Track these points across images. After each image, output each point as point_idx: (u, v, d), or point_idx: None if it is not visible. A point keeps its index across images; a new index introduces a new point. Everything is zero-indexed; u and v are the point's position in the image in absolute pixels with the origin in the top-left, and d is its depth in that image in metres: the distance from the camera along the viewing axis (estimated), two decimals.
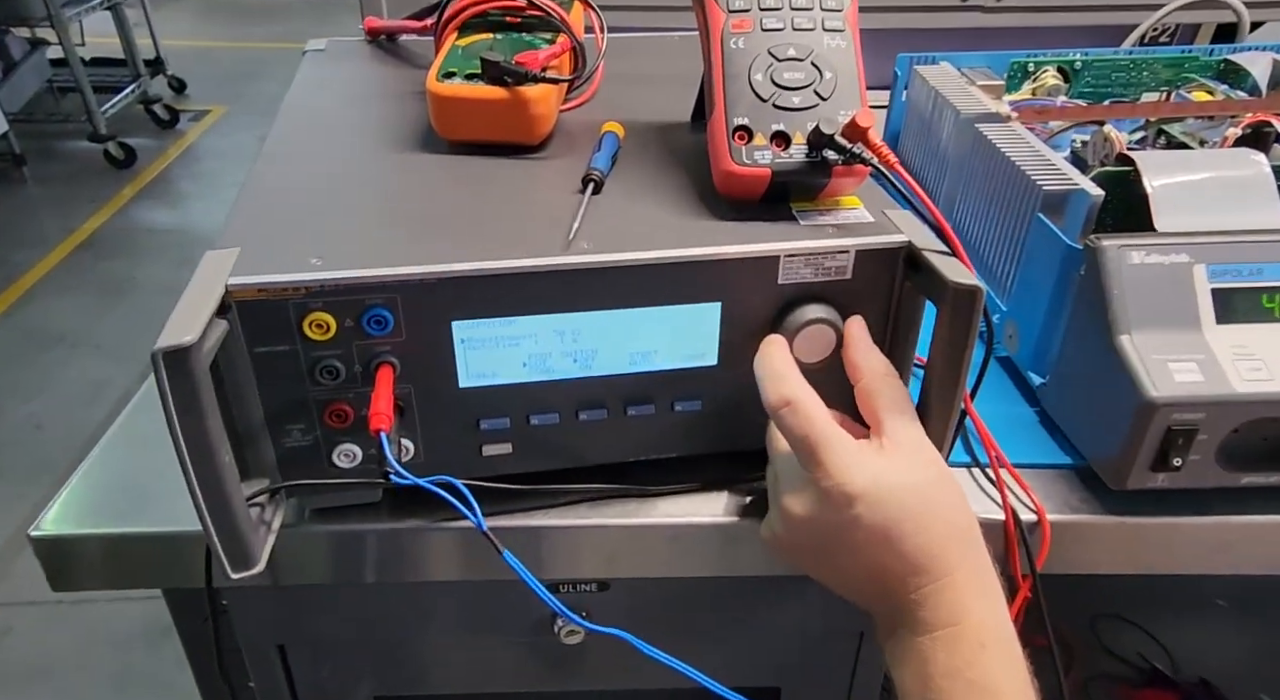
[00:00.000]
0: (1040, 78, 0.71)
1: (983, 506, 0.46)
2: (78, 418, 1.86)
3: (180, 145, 3.14)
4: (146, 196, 2.80)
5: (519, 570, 0.38)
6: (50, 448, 1.78)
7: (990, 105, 0.63)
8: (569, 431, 0.44)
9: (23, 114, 2.85)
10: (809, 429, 0.37)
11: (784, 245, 0.40)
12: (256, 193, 0.45)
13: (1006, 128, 0.59)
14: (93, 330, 2.15)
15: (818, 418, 0.37)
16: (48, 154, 3.00)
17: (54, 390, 1.95)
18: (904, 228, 0.42)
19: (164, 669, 1.37)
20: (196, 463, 0.35)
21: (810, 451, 0.37)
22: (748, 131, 0.42)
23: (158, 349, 0.32)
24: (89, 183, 2.83)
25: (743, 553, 0.46)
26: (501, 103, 0.47)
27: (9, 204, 2.72)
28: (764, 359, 0.41)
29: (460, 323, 0.40)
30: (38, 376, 1.99)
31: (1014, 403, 0.52)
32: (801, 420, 0.37)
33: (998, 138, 0.57)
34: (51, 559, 0.45)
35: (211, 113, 3.40)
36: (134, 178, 2.89)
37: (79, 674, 1.37)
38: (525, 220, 0.42)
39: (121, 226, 2.63)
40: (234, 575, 0.38)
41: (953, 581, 0.36)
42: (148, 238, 2.58)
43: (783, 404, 0.38)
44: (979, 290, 0.37)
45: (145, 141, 3.07)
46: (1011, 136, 0.57)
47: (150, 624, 1.42)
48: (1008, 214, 0.54)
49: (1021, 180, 0.52)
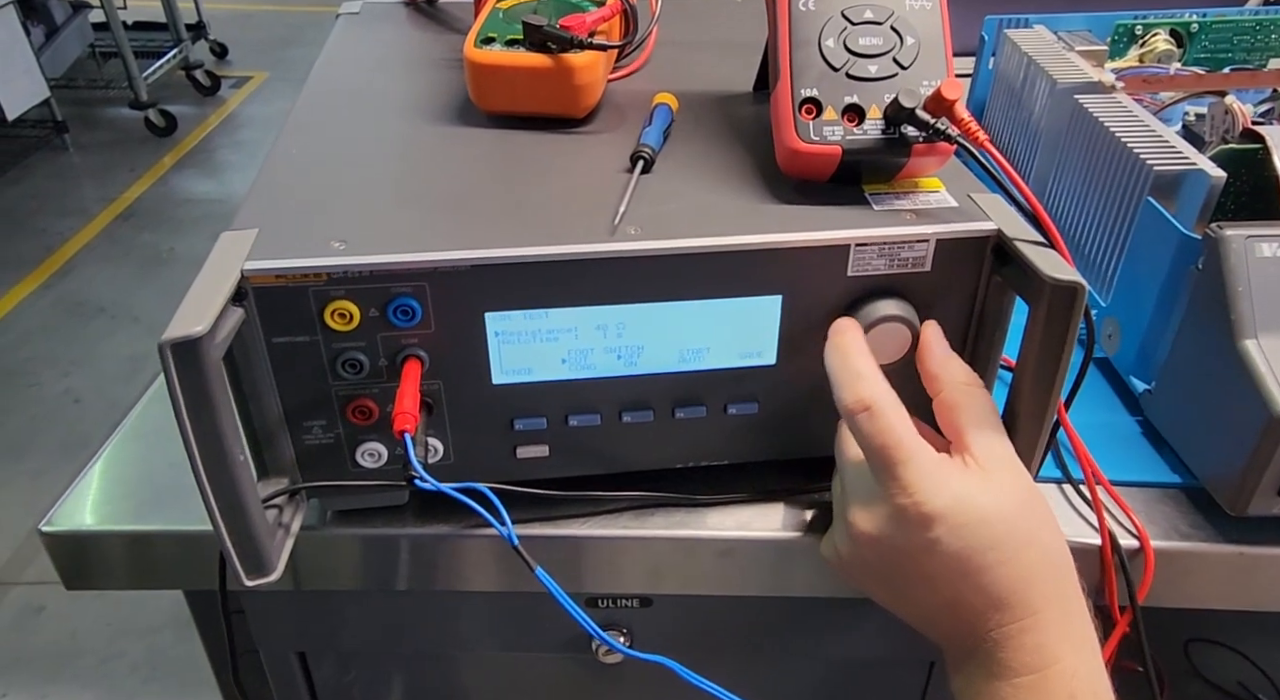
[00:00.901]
0: (1149, 42, 0.66)
1: (1074, 529, 0.43)
2: (116, 393, 1.92)
3: (221, 113, 3.21)
4: (187, 165, 2.87)
5: (553, 590, 0.36)
6: (88, 423, 1.84)
7: (1092, 74, 0.59)
8: (611, 434, 0.42)
9: (64, 80, 2.93)
10: (888, 438, 0.35)
11: (855, 233, 0.38)
12: (278, 168, 0.44)
13: (1110, 99, 0.55)
14: (132, 302, 2.21)
15: (899, 426, 0.35)
16: (89, 121, 3.09)
17: (93, 364, 2.01)
18: (993, 214, 0.39)
19: (195, 653, 1.41)
20: (208, 462, 0.34)
21: (887, 464, 0.35)
22: (816, 104, 0.39)
23: (165, 340, 0.31)
24: (130, 151, 2.91)
25: (800, 571, 0.45)
26: (544, 71, 0.45)
27: (50, 171, 2.81)
28: (839, 351, 0.38)
29: (494, 314, 0.38)
30: (77, 349, 2.06)
31: (1112, 411, 0.49)
32: (881, 427, 0.35)
33: (1100, 111, 0.53)
34: (64, 555, 0.45)
35: (253, 79, 3.46)
36: (174, 146, 2.96)
37: (109, 657, 1.41)
38: (567, 202, 0.41)
39: (162, 196, 2.70)
40: (248, 582, 0.37)
41: (1040, 621, 0.34)
42: (188, 208, 2.64)
43: (861, 407, 0.36)
44: (1080, 287, 0.35)
45: (186, 109, 3.14)
46: (1116, 109, 0.54)
47: (182, 607, 1.45)
48: (1111, 198, 0.51)
49: (1128, 159, 0.49)
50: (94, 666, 1.40)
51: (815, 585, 0.45)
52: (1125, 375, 0.49)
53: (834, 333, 0.39)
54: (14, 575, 1.54)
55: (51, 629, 1.46)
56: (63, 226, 2.52)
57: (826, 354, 0.39)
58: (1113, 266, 0.51)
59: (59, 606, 1.49)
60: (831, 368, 0.38)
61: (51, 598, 1.50)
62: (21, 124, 2.72)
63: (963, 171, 0.43)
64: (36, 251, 2.40)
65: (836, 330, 0.39)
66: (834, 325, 0.39)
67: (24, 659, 1.41)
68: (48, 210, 2.60)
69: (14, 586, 1.52)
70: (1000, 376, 0.42)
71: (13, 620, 1.47)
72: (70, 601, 1.49)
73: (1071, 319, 0.35)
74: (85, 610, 1.47)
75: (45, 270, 2.34)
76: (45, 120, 2.83)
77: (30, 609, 1.48)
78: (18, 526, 1.61)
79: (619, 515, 0.44)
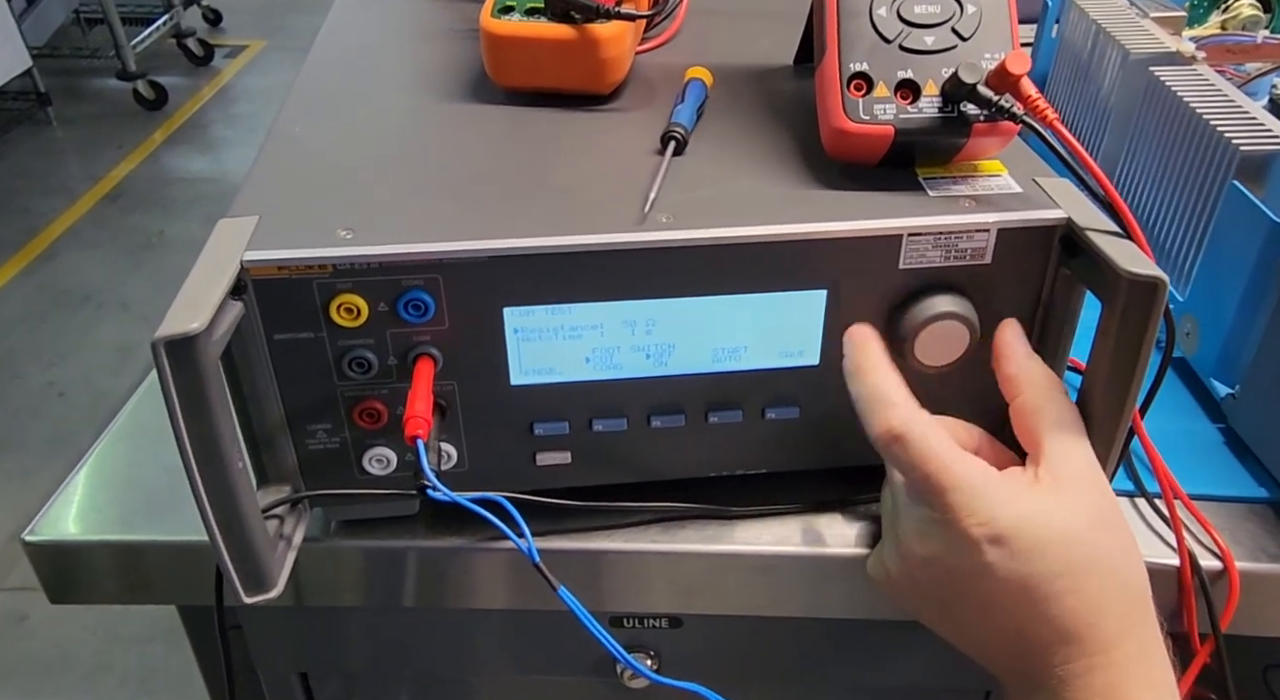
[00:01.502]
0: (1233, 7, 0.66)
1: (1150, 548, 0.43)
2: (103, 386, 1.94)
3: (215, 84, 3.23)
4: (178, 142, 2.90)
5: (577, 610, 0.36)
6: (73, 419, 1.86)
7: (1169, 43, 0.58)
8: (638, 440, 0.42)
9: (47, 48, 2.96)
10: (928, 466, 0.35)
11: (908, 221, 0.38)
12: (279, 149, 0.44)
13: (1190, 71, 0.54)
14: (120, 290, 2.24)
15: (938, 450, 0.35)
16: (73, 93, 3.12)
17: (78, 355, 2.04)
18: (1061, 201, 0.38)
19: (189, 665, 1.43)
20: (204, 469, 0.34)
21: (933, 491, 0.35)
22: (867, 80, 0.39)
23: (159, 338, 0.31)
24: (117, 125, 2.94)
25: (844, 591, 0.44)
26: (568, 44, 0.45)
27: (32, 148, 2.84)
28: (860, 372, 0.38)
29: (514, 309, 0.38)
30: (61, 339, 2.08)
31: (1189, 417, 0.49)
32: (916, 457, 0.35)
33: (1179, 84, 0.53)
34: (48, 566, 0.46)
35: (249, 48, 3.48)
36: (165, 120, 2.99)
37: (97, 668, 1.43)
38: (592, 187, 0.40)
39: (152, 175, 2.73)
40: (247, 599, 0.38)
41: (1113, 660, 0.33)
42: (180, 188, 2.66)
43: (892, 438, 0.36)
44: (1161, 283, 0.34)
45: (177, 80, 3.17)
46: (1197, 82, 0.53)
47: (176, 617, 1.47)
48: (1190, 182, 0.50)
49: (1211, 138, 0.48)
50: (80, 679, 1.42)
51: (860, 606, 0.45)
52: (1205, 378, 0.49)
53: (851, 348, 0.39)
54: None
55: (35, 639, 1.48)
56: (46, 207, 2.55)
57: (847, 376, 0.38)
58: (1191, 258, 0.50)
59: (43, 615, 1.51)
60: (855, 391, 0.38)
61: (35, 605, 1.52)
62: (2, 96, 2.76)
63: (1026, 153, 0.42)
64: (18, 234, 2.44)
65: (852, 344, 0.39)
66: (848, 336, 0.39)
67: (5, 670, 1.44)
68: (30, 189, 2.63)
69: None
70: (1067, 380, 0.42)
71: None
72: (56, 609, 1.51)
73: (1151, 317, 0.35)
74: (72, 619, 1.50)
75: (27, 254, 2.37)
76: (27, 92, 2.87)
77: (12, 617, 1.51)
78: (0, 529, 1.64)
79: (646, 528, 0.44)
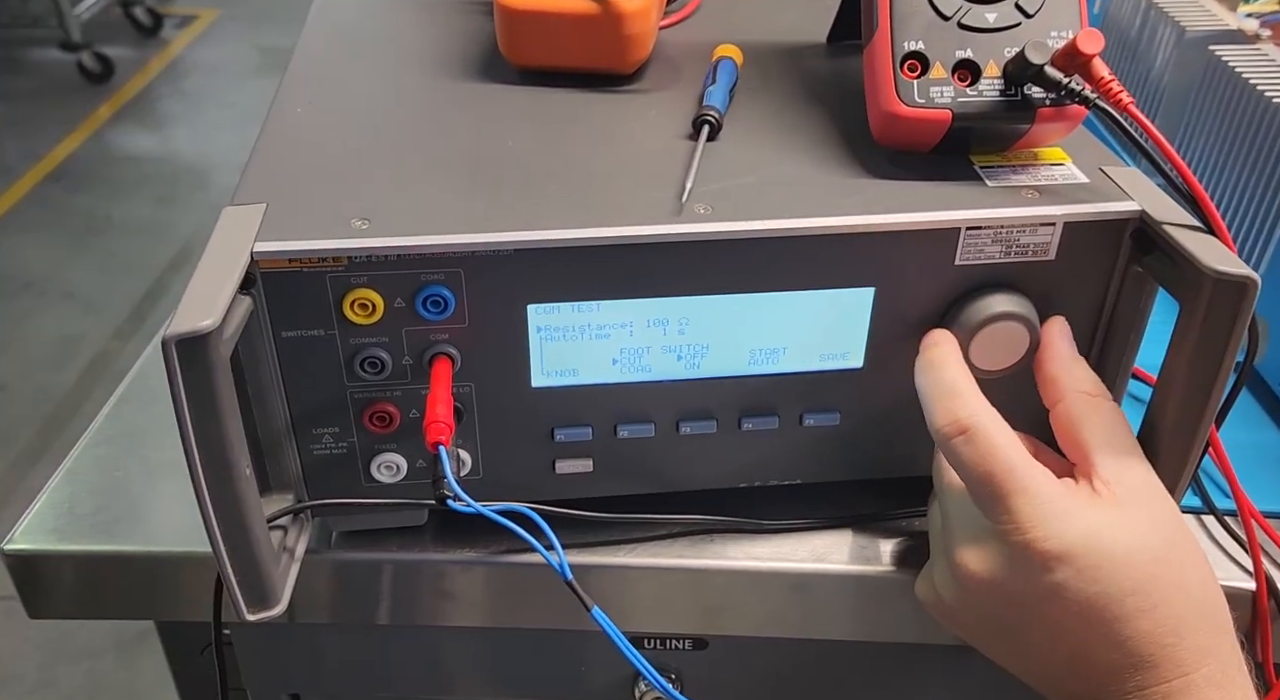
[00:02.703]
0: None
1: (1222, 571, 0.43)
2: (46, 380, 1.93)
3: (164, 57, 3.21)
4: (125, 118, 2.88)
5: (611, 632, 0.36)
6: (13, 415, 1.85)
7: (1228, 19, 0.59)
8: (666, 447, 0.43)
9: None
10: (994, 464, 0.35)
11: (967, 214, 0.38)
12: (281, 129, 0.44)
13: (1254, 50, 0.55)
14: (63, 276, 2.22)
15: (1007, 449, 0.35)
16: (12, 65, 3.09)
17: (19, 346, 2.02)
18: (1134, 192, 0.39)
19: (137, 680, 1.42)
20: (211, 477, 0.34)
21: (996, 496, 0.35)
22: (922, 60, 0.39)
23: (170, 335, 0.31)
24: (60, 100, 2.92)
25: (886, 612, 0.45)
26: (590, 19, 0.45)
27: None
28: (931, 365, 0.39)
29: (538, 306, 0.38)
30: (1, 330, 2.06)
31: (1259, 428, 0.49)
32: (983, 452, 0.35)
33: (1243, 64, 0.53)
34: (27, 580, 0.46)
35: (200, 18, 3.46)
36: (111, 95, 2.96)
37: (39, 685, 1.42)
38: (621, 174, 0.41)
39: (96, 153, 2.70)
40: (250, 616, 0.38)
41: (1191, 683, 0.34)
42: (127, 167, 2.65)
43: (957, 430, 0.36)
44: (1252, 283, 0.34)
45: (124, 52, 3.14)
46: (1263, 62, 0.53)
47: (123, 630, 1.47)
48: (1255, 169, 0.51)
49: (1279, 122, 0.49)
50: (23, 696, 1.41)
51: (903, 630, 0.45)
52: (1275, 386, 0.49)
53: (926, 346, 0.39)
54: None
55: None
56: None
57: (917, 370, 0.39)
58: (1259, 253, 0.50)
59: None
60: (921, 384, 0.38)
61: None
62: None
63: (1090, 140, 0.43)
64: None
65: (930, 344, 0.39)
66: (926, 338, 0.40)
67: None
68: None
69: None
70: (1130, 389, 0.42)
71: None
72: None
73: (1237, 321, 0.35)
74: (12, 631, 1.48)
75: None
76: None
77: None
78: None
79: (671, 542, 0.45)
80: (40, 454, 1.76)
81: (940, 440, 0.37)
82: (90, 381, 1.93)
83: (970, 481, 0.36)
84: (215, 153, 2.71)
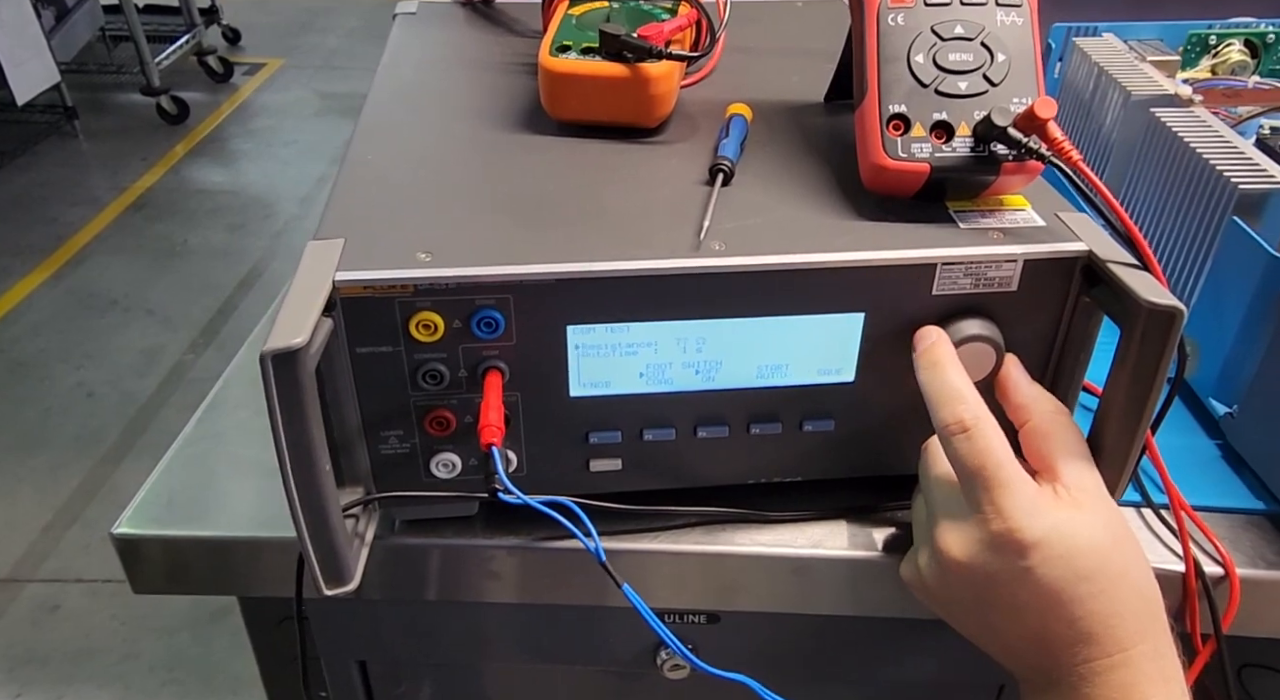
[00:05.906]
0: (1222, 53, 0.67)
1: (1156, 555, 0.44)
2: (129, 387, 1.94)
3: (234, 100, 3.23)
4: (199, 155, 2.90)
5: (639, 606, 0.37)
6: (101, 418, 1.86)
7: (1166, 85, 0.59)
8: (685, 448, 0.43)
9: (74, 64, 2.95)
10: (987, 460, 0.36)
11: (943, 252, 0.39)
12: (355, 174, 0.45)
13: (1189, 112, 0.56)
14: (145, 295, 2.24)
15: (999, 449, 0.36)
16: (99, 107, 3.12)
17: (105, 357, 2.04)
18: (1082, 234, 0.40)
19: (212, 654, 1.43)
20: (298, 472, 0.36)
21: (986, 487, 0.36)
22: (905, 120, 0.40)
23: (267, 351, 0.33)
24: (141, 138, 2.94)
25: (873, 591, 0.46)
26: (621, 81, 0.46)
27: (60, 159, 2.84)
28: (935, 366, 0.38)
29: (576, 327, 0.39)
30: (89, 342, 2.08)
31: (1189, 434, 0.50)
32: (980, 449, 0.36)
33: (1179, 125, 0.54)
34: (132, 560, 0.47)
35: (267, 66, 3.48)
36: (186, 134, 2.99)
37: (126, 657, 1.44)
38: (648, 214, 0.42)
39: (174, 186, 2.73)
40: (328, 592, 0.39)
41: (1129, 658, 0.34)
42: (200, 199, 2.66)
43: (959, 429, 0.36)
44: (1179, 312, 0.35)
45: (198, 96, 3.17)
46: (1196, 124, 0.54)
47: (199, 608, 1.48)
48: (1190, 216, 0.51)
49: (1210, 177, 0.50)
50: (110, 666, 1.42)
51: (889, 605, 0.46)
52: (1204, 397, 0.50)
53: (922, 341, 0.39)
54: (29, 573, 1.56)
55: (67, 628, 1.48)
56: (73, 216, 2.55)
57: (919, 367, 0.39)
58: (1191, 286, 0.51)
59: (74, 605, 1.51)
60: (926, 384, 0.39)
61: (66, 596, 1.52)
62: (31, 109, 2.75)
63: (1047, 189, 0.44)
64: (47, 241, 2.44)
65: (925, 339, 0.39)
66: (920, 333, 0.40)
67: (39, 658, 1.43)
68: (58, 199, 2.63)
69: (28, 584, 1.54)
70: (1080, 400, 0.43)
71: (27, 618, 1.49)
72: (86, 600, 1.51)
73: (1167, 344, 0.36)
74: (101, 609, 1.50)
75: (56, 260, 2.37)
76: (55, 105, 2.86)
77: (45, 607, 1.51)
78: (32, 522, 1.63)
79: (689, 530, 0.45)
80: (124, 452, 1.78)
81: (943, 436, 0.37)
82: (168, 389, 1.95)
83: (963, 473, 0.37)
84: (280, 185, 2.73)
